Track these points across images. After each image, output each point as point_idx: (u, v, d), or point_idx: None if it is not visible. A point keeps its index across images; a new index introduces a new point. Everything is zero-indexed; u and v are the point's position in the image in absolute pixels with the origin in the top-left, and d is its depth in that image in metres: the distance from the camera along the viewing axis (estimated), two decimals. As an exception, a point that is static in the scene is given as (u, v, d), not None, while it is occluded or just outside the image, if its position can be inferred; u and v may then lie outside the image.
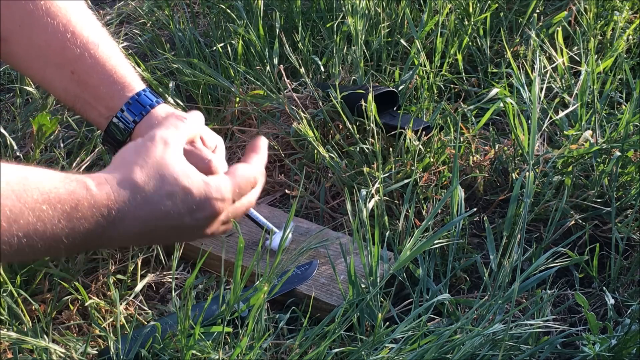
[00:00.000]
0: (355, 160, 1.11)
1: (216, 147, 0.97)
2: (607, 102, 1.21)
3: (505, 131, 1.25)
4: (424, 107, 1.21)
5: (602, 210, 1.03)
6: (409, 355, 0.78)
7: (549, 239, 0.99)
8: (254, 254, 0.91)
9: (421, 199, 1.05)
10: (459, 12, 1.39)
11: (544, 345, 0.83)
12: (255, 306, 0.76)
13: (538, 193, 1.06)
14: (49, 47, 0.91)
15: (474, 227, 1.06)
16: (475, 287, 0.96)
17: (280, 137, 1.20)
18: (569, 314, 0.93)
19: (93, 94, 0.93)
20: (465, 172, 1.10)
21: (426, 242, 0.83)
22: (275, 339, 0.88)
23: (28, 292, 0.90)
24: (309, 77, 1.22)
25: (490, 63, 1.37)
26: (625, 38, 1.34)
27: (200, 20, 1.62)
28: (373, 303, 0.86)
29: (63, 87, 0.93)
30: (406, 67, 1.28)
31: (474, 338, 0.78)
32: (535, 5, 1.43)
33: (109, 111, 0.94)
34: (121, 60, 0.95)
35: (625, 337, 0.79)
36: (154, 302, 0.95)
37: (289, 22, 1.43)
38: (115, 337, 0.83)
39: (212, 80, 1.26)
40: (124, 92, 0.93)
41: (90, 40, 0.92)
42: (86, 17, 0.94)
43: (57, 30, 0.90)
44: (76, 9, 0.93)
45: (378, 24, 1.34)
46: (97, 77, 0.93)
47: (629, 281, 0.96)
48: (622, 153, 1.04)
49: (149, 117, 0.94)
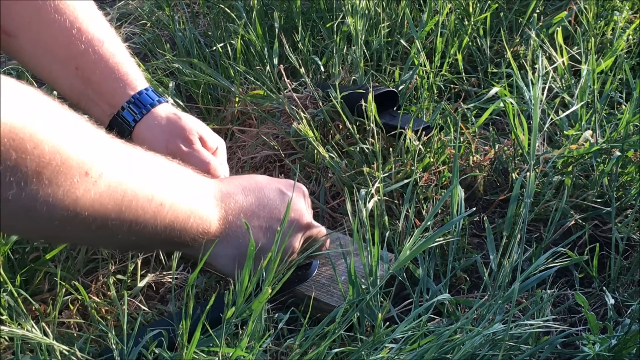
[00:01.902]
0: (355, 160, 1.11)
1: (217, 148, 0.97)
2: (607, 102, 1.21)
3: (505, 131, 1.25)
4: (424, 107, 1.21)
5: (602, 210, 1.03)
6: (409, 355, 0.78)
7: (549, 239, 0.99)
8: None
9: (421, 199, 1.05)
10: (459, 12, 1.39)
11: (544, 345, 0.83)
12: (256, 310, 0.76)
13: (538, 193, 1.06)
14: (56, 43, 0.92)
15: (474, 227, 1.06)
16: (475, 287, 0.96)
17: (280, 137, 1.20)
18: (569, 314, 0.93)
19: (96, 91, 0.94)
20: (465, 172, 1.10)
21: (426, 242, 0.83)
22: (275, 339, 0.88)
23: (28, 292, 0.90)
24: (309, 77, 1.22)
25: (490, 63, 1.37)
26: (625, 38, 1.34)
27: (200, 20, 1.62)
28: (373, 303, 0.86)
29: (68, 83, 0.94)
30: (406, 67, 1.28)
31: (474, 338, 0.78)
32: (535, 5, 1.43)
33: (111, 108, 0.94)
34: (126, 59, 0.95)
35: (625, 337, 0.79)
36: (154, 302, 0.95)
37: (289, 22, 1.43)
38: (116, 337, 0.83)
39: (212, 80, 1.26)
40: (126, 89, 0.94)
41: (95, 37, 0.93)
42: (93, 15, 0.94)
43: (64, 26, 0.91)
44: (84, 7, 0.93)
45: (378, 24, 1.34)
46: (100, 73, 0.93)
47: (629, 281, 0.96)
48: (622, 153, 1.04)
49: (149, 116, 0.94)
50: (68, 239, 0.69)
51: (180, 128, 0.94)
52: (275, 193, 0.86)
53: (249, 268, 0.75)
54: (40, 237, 0.76)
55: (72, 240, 0.77)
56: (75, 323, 0.90)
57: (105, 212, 0.67)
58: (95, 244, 0.82)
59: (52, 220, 0.64)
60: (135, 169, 0.71)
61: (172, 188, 0.75)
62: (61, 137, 0.61)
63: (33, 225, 0.64)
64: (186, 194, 0.76)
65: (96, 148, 0.66)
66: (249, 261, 0.75)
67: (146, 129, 0.94)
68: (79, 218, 0.65)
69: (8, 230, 0.66)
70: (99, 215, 0.67)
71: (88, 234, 0.69)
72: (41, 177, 0.60)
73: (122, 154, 0.70)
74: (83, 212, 0.65)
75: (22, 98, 0.59)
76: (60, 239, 0.78)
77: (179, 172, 0.78)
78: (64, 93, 0.96)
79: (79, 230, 0.67)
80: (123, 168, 0.69)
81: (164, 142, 0.93)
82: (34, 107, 0.60)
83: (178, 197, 0.75)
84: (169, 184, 0.75)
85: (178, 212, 0.75)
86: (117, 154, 0.69)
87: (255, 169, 1.19)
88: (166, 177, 0.75)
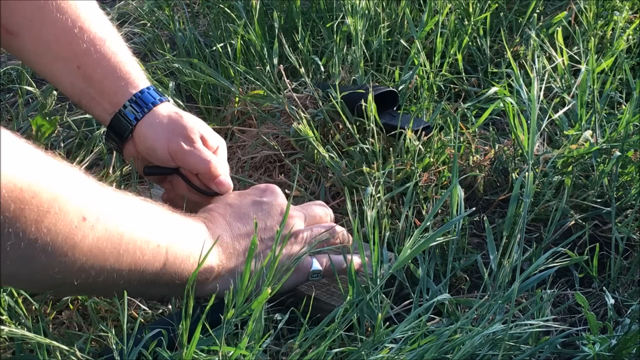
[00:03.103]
0: (355, 160, 1.11)
1: (218, 147, 0.97)
2: (607, 102, 1.21)
3: (505, 131, 1.25)
4: (424, 107, 1.21)
5: (602, 210, 1.03)
6: (409, 355, 0.78)
7: (549, 239, 0.99)
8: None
9: (421, 199, 1.05)
10: (459, 12, 1.39)
11: (544, 345, 0.83)
12: (256, 310, 0.76)
13: (538, 193, 1.06)
14: (58, 42, 0.92)
15: (474, 227, 1.06)
16: (475, 287, 0.96)
17: (280, 137, 1.20)
18: (569, 314, 0.93)
19: (98, 89, 0.94)
20: (465, 172, 1.10)
21: (426, 241, 0.83)
22: (275, 339, 0.88)
23: (28, 292, 0.90)
24: (309, 77, 1.22)
25: (490, 63, 1.37)
26: (625, 38, 1.34)
27: (200, 20, 1.62)
28: (373, 303, 0.86)
29: (70, 82, 0.94)
30: (406, 67, 1.28)
31: (474, 338, 0.78)
32: (535, 5, 1.43)
33: (113, 107, 0.94)
34: (127, 58, 0.96)
35: (625, 337, 0.79)
36: (154, 302, 0.95)
37: (289, 22, 1.43)
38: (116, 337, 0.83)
39: (212, 80, 1.26)
40: (128, 88, 0.94)
41: (97, 36, 0.93)
42: (96, 14, 0.95)
43: (66, 25, 0.91)
44: (86, 6, 0.94)
45: (378, 24, 1.34)
46: (102, 72, 0.93)
47: (629, 281, 0.96)
48: (622, 153, 1.04)
49: (151, 114, 0.94)
50: (70, 287, 0.70)
51: (181, 127, 0.94)
52: (250, 208, 0.87)
53: (249, 267, 0.75)
54: (42, 288, 0.77)
55: (75, 290, 0.77)
56: (75, 323, 0.90)
57: (104, 257, 0.68)
58: (99, 293, 0.83)
59: (52, 268, 0.65)
60: (130, 213, 0.73)
61: (168, 230, 0.77)
62: (58, 185, 0.63)
63: (33, 275, 0.65)
64: (181, 236, 0.78)
65: (91, 194, 0.67)
66: (249, 260, 0.75)
67: (148, 128, 0.94)
68: (77, 264, 0.66)
69: (9, 280, 0.68)
70: (98, 261, 0.68)
71: (89, 280, 0.69)
72: (40, 225, 0.61)
73: (116, 200, 0.71)
74: (82, 257, 0.66)
75: (19, 151, 0.60)
76: (63, 290, 0.78)
77: (171, 216, 0.79)
78: (65, 92, 0.96)
79: (79, 277, 0.68)
80: (119, 212, 0.70)
81: (165, 140, 0.93)
82: (30, 159, 0.61)
83: (174, 239, 0.76)
84: (163, 226, 0.76)
85: (176, 253, 0.76)
86: (112, 200, 0.71)
87: (255, 169, 1.19)
88: (160, 220, 0.77)
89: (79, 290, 0.77)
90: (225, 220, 0.84)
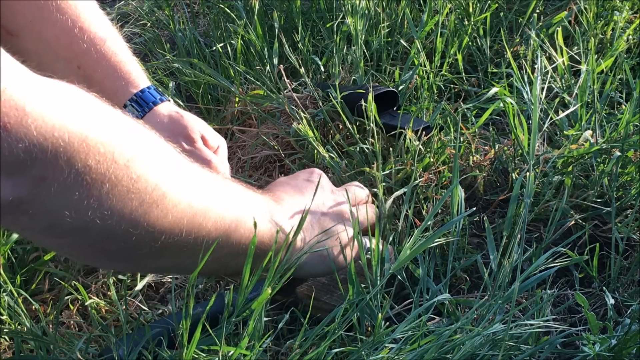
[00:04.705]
0: (355, 160, 1.11)
1: (218, 147, 0.97)
2: (607, 102, 1.21)
3: (505, 131, 1.25)
4: (424, 107, 1.21)
5: (602, 210, 1.03)
6: (409, 355, 0.78)
7: (549, 239, 0.99)
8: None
9: (421, 199, 1.05)
10: (459, 12, 1.39)
11: (544, 345, 0.83)
12: (256, 310, 0.76)
13: (538, 193, 1.06)
14: (58, 42, 0.92)
15: (474, 227, 1.06)
16: (475, 287, 0.96)
17: (280, 137, 1.20)
18: (569, 314, 0.93)
19: (98, 90, 0.94)
20: (465, 172, 1.10)
21: (426, 241, 0.83)
22: (275, 339, 0.88)
23: (28, 292, 0.90)
24: (309, 77, 1.22)
25: (490, 63, 1.37)
26: (625, 38, 1.34)
27: (200, 20, 1.62)
28: (373, 303, 0.86)
29: (70, 82, 0.94)
30: (406, 67, 1.28)
31: (474, 338, 0.78)
32: (535, 5, 1.43)
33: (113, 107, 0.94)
34: (128, 57, 0.96)
35: (625, 337, 0.79)
36: (154, 302, 0.95)
37: (289, 22, 1.43)
38: (116, 337, 0.83)
39: (212, 80, 1.26)
40: (128, 88, 0.94)
41: (97, 36, 0.93)
42: (96, 14, 0.95)
43: (66, 25, 0.91)
44: (86, 6, 0.94)
45: (378, 24, 1.34)
46: (102, 72, 0.93)
47: (629, 281, 0.96)
48: (622, 153, 1.04)
49: (151, 114, 0.94)
50: (168, 263, 0.74)
51: (182, 126, 0.94)
52: (306, 185, 0.90)
53: (249, 266, 0.75)
54: (144, 269, 0.82)
55: (171, 265, 0.79)
56: (75, 323, 0.90)
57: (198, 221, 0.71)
58: (182, 268, 0.85)
59: (156, 242, 0.68)
60: (206, 189, 0.75)
61: (244, 204, 0.79)
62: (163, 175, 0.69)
63: (139, 252, 0.69)
64: (255, 211, 0.80)
65: (183, 177, 0.71)
66: (250, 259, 0.75)
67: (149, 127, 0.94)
68: (175, 238, 0.69)
69: (115, 263, 0.73)
70: (184, 232, 0.71)
71: (183, 253, 0.72)
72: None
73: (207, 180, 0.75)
74: (181, 232, 0.70)
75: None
76: (164, 264, 0.79)
77: (244, 190, 0.82)
78: None
79: (175, 253, 0.71)
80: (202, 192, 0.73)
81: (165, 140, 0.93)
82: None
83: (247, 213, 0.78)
84: (241, 200, 0.79)
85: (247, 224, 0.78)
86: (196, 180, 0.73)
87: (255, 169, 1.19)
88: (238, 194, 0.80)
89: (170, 268, 0.80)
90: (289, 196, 0.87)
